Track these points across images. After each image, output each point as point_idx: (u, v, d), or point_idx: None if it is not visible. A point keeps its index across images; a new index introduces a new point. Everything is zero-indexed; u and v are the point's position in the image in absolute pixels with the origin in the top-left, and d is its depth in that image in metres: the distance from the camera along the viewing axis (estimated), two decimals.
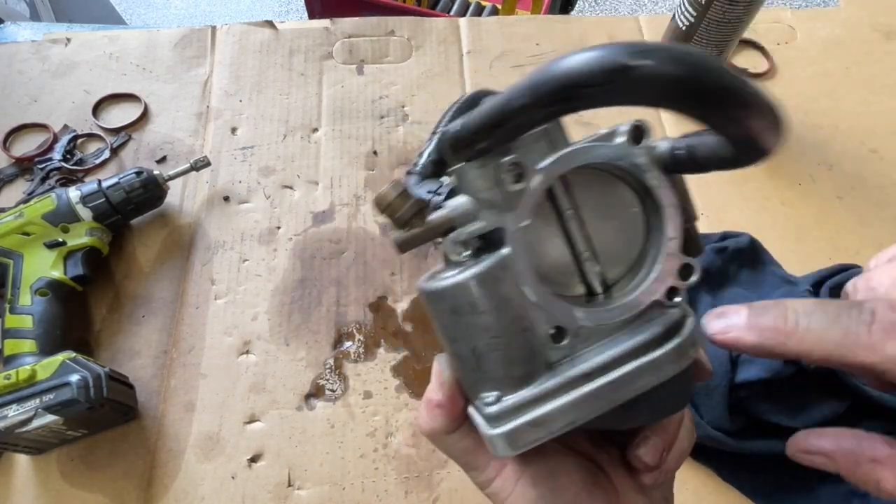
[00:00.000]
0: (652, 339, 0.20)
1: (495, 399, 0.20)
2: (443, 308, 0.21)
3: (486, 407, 0.20)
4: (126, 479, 0.40)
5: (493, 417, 0.20)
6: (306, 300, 0.47)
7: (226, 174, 0.53)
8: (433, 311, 0.21)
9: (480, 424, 0.21)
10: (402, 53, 0.62)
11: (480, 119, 0.19)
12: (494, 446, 0.20)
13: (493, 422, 0.20)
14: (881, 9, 0.66)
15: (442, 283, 0.20)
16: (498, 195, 0.20)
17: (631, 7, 2.05)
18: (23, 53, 0.59)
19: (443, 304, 0.21)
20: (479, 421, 0.21)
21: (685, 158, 0.20)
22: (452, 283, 0.20)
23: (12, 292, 0.42)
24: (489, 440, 0.20)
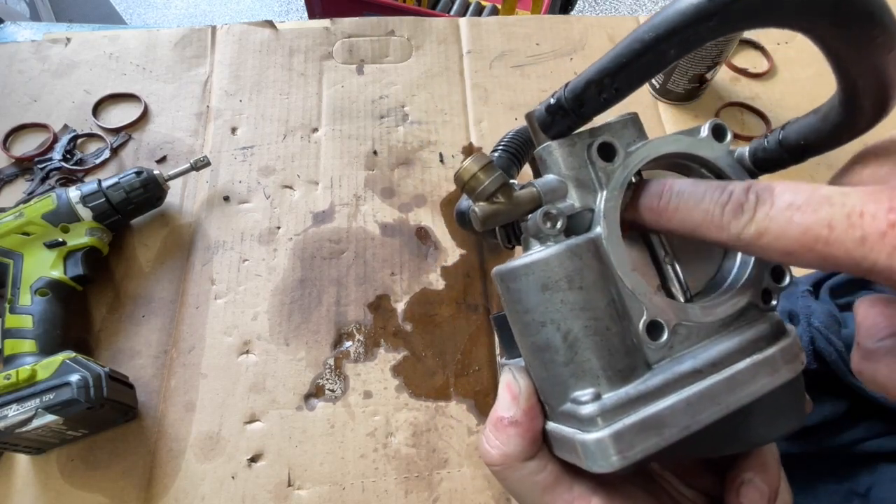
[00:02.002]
0: (761, 336, 0.19)
1: (592, 396, 0.18)
2: (530, 286, 0.18)
3: (581, 407, 0.17)
4: (126, 479, 0.40)
5: (590, 419, 0.17)
6: (306, 300, 0.47)
7: (226, 174, 0.53)
8: (517, 292, 0.19)
9: (570, 433, 0.18)
10: (402, 53, 0.62)
11: (609, 61, 0.17)
12: (594, 456, 0.17)
13: (592, 424, 0.17)
14: None
15: (533, 257, 0.18)
16: (587, 174, 0.19)
17: (631, 7, 2.05)
18: (23, 53, 0.59)
19: (531, 281, 0.18)
20: (566, 431, 0.18)
21: (767, 156, 0.21)
22: (546, 255, 0.18)
23: (12, 292, 0.42)
24: (586, 449, 0.17)
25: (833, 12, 0.14)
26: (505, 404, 0.20)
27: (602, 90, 0.18)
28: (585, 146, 0.19)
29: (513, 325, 0.20)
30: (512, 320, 0.19)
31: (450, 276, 0.49)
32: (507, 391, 0.20)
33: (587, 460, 0.17)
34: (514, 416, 0.19)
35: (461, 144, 0.56)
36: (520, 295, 0.19)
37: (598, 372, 0.18)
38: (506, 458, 0.19)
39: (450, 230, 0.51)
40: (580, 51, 0.62)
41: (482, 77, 0.60)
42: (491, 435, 0.20)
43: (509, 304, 0.19)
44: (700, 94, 0.59)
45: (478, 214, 0.19)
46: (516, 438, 0.19)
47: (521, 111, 0.58)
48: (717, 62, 0.55)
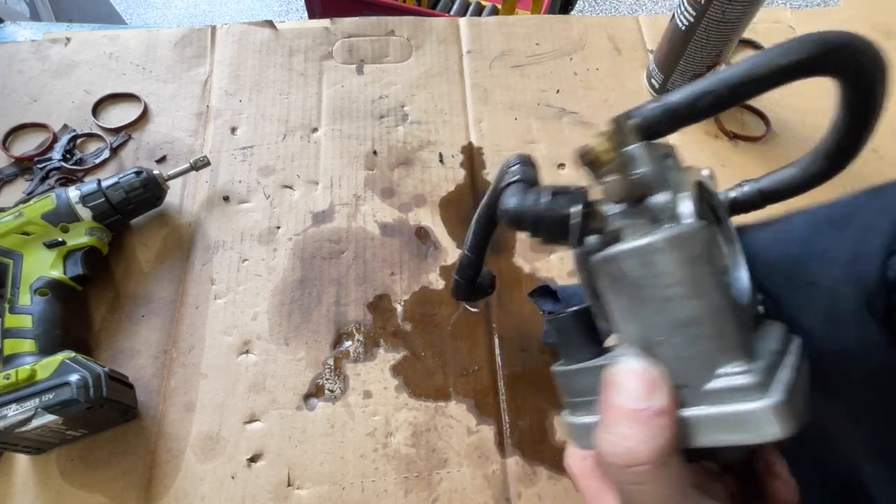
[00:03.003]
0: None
1: (744, 367, 0.18)
2: (676, 259, 0.18)
3: (740, 377, 0.17)
4: (126, 479, 0.40)
5: (758, 386, 0.17)
6: (306, 300, 0.47)
7: (226, 174, 0.53)
8: (659, 266, 0.18)
9: (732, 409, 0.17)
10: (402, 53, 0.62)
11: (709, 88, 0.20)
12: (773, 421, 0.17)
13: (761, 391, 0.17)
14: (881, 9, 0.66)
15: (675, 231, 0.18)
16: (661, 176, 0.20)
17: (631, 7, 2.05)
18: (23, 53, 0.59)
19: (677, 255, 0.18)
20: (720, 409, 0.17)
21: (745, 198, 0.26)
22: (689, 229, 0.18)
23: (12, 292, 0.42)
24: (766, 416, 0.17)
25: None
26: (639, 393, 0.18)
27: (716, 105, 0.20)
28: (659, 152, 0.21)
29: (642, 305, 0.19)
30: (640, 300, 0.19)
31: (450, 275, 0.49)
32: (639, 379, 0.18)
33: (766, 428, 0.17)
34: (661, 404, 0.17)
35: (461, 144, 0.56)
36: (664, 269, 0.18)
37: (739, 344, 0.18)
38: (657, 453, 0.17)
39: (449, 230, 0.51)
40: (580, 51, 0.62)
41: (482, 77, 0.60)
42: (628, 431, 0.17)
43: (641, 282, 0.19)
44: None
45: (612, 188, 0.20)
46: (667, 429, 0.17)
47: (520, 111, 0.58)
48: (717, 62, 0.55)
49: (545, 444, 0.42)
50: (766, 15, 0.64)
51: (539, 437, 0.43)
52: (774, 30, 0.64)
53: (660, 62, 0.57)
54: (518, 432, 0.43)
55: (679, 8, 0.52)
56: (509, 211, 0.23)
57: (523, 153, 0.27)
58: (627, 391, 0.18)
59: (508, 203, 0.24)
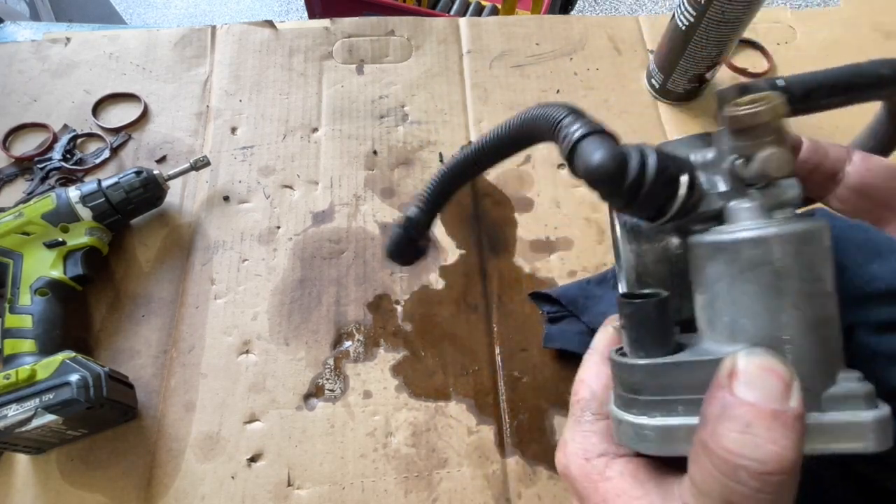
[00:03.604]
0: None
1: (858, 374, 0.17)
2: (821, 252, 0.17)
3: (861, 385, 0.17)
4: (126, 479, 0.40)
5: (867, 396, 0.17)
6: (306, 300, 0.47)
7: (226, 174, 0.53)
8: (811, 256, 0.17)
9: (850, 416, 0.17)
10: (402, 53, 0.62)
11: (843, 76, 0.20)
12: (878, 435, 0.16)
13: (870, 402, 0.17)
14: (881, 9, 0.66)
15: (815, 223, 0.17)
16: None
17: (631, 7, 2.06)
18: (23, 53, 0.59)
19: (820, 248, 0.17)
20: (839, 416, 0.17)
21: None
22: (823, 222, 0.17)
23: (12, 292, 0.42)
24: (883, 425, 0.16)
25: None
26: (778, 393, 0.16)
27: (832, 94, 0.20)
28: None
29: (778, 299, 0.17)
30: (780, 292, 0.17)
31: (449, 275, 0.49)
32: (776, 377, 0.16)
33: (875, 440, 0.16)
34: (800, 408, 0.16)
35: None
36: (813, 261, 0.17)
37: (843, 351, 0.17)
38: (798, 464, 0.15)
39: (449, 230, 0.51)
40: (580, 51, 0.62)
41: (482, 77, 0.60)
42: (774, 434, 0.16)
43: (788, 273, 0.17)
44: (700, 95, 0.59)
45: (778, 160, 0.18)
46: (803, 438, 0.16)
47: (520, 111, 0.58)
48: (717, 62, 0.55)
49: (545, 444, 0.42)
50: (766, 15, 0.64)
51: (539, 437, 0.43)
52: (775, 30, 0.64)
53: (660, 62, 0.57)
54: (518, 432, 0.43)
55: (679, 8, 0.52)
56: (606, 165, 0.18)
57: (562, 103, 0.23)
58: (763, 389, 0.16)
59: (598, 156, 0.19)
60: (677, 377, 0.19)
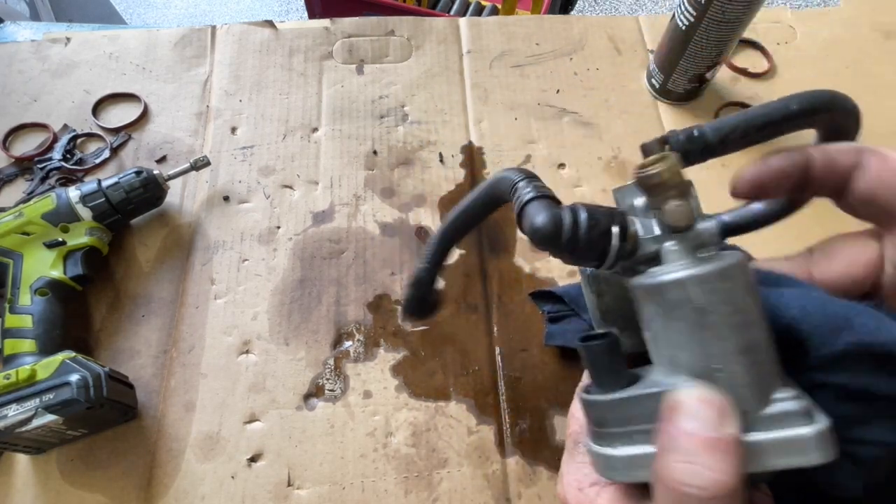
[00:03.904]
0: None
1: (793, 392, 0.18)
2: (741, 285, 0.19)
3: (794, 402, 0.18)
4: (126, 479, 0.40)
5: (808, 411, 0.18)
6: (306, 300, 0.47)
7: (226, 174, 0.53)
8: (728, 293, 0.19)
9: (787, 433, 0.18)
10: (402, 53, 0.62)
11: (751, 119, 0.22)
12: (824, 446, 0.17)
13: (810, 416, 0.18)
14: (881, 9, 0.66)
15: (735, 258, 0.19)
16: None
17: (631, 7, 2.06)
18: (23, 53, 0.59)
19: (741, 281, 0.19)
20: (775, 434, 0.18)
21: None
22: (742, 257, 0.19)
23: (12, 292, 0.42)
24: (820, 440, 0.17)
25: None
26: (713, 421, 0.17)
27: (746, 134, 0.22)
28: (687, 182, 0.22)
29: (703, 332, 0.19)
30: (702, 327, 0.19)
31: (449, 275, 0.49)
32: (711, 406, 0.17)
33: (817, 452, 0.18)
34: (735, 432, 0.17)
35: (461, 144, 0.56)
36: (731, 295, 0.19)
37: (780, 371, 0.19)
38: (739, 482, 0.17)
39: None
40: (580, 51, 0.62)
41: (482, 77, 0.60)
42: (710, 460, 0.17)
43: (708, 309, 0.19)
44: (700, 94, 0.59)
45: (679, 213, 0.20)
46: (742, 461, 0.17)
47: (520, 111, 0.58)
48: (717, 62, 0.55)
49: (545, 444, 0.42)
50: (766, 15, 0.64)
51: (539, 437, 0.43)
52: (774, 30, 0.64)
53: (660, 62, 0.57)
54: (518, 432, 0.43)
55: (679, 8, 0.52)
56: (543, 228, 0.21)
57: (521, 168, 0.26)
58: (702, 419, 0.17)
59: (537, 220, 0.21)
60: (632, 409, 0.21)
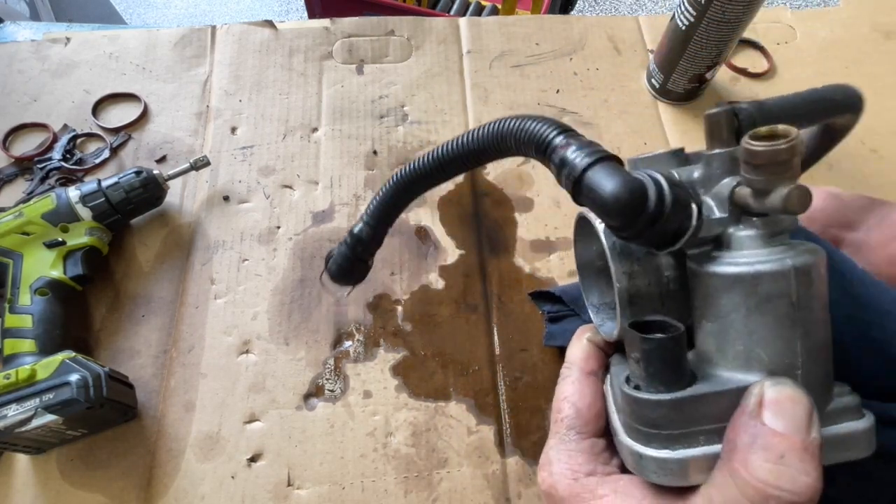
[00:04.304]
0: None
1: (846, 388, 0.19)
2: (828, 280, 0.18)
3: (852, 397, 0.18)
4: (126, 479, 0.40)
5: (858, 408, 0.18)
6: (306, 300, 0.47)
7: (226, 174, 0.53)
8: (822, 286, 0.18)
9: (847, 428, 0.18)
10: (402, 53, 0.62)
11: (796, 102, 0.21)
12: (870, 441, 0.18)
13: (860, 412, 0.18)
14: (881, 9, 0.66)
15: (822, 252, 0.18)
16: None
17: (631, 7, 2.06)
18: (22, 53, 0.59)
19: (828, 275, 0.18)
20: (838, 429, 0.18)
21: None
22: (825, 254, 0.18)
23: (12, 292, 0.42)
24: (863, 437, 0.18)
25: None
26: (803, 423, 0.17)
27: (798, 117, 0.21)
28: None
29: (794, 326, 0.18)
30: (794, 321, 0.18)
31: (449, 275, 0.49)
32: (802, 407, 0.17)
33: (865, 446, 0.18)
34: (819, 437, 0.17)
35: None
36: (822, 291, 0.18)
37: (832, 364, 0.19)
38: (822, 487, 0.16)
39: (449, 230, 0.51)
40: (580, 51, 0.62)
41: (482, 77, 0.60)
42: (806, 465, 0.16)
43: (805, 303, 0.18)
44: (700, 94, 0.59)
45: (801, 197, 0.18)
46: (822, 461, 0.17)
47: (520, 111, 0.58)
48: (717, 62, 0.55)
49: (545, 444, 0.42)
50: (766, 15, 0.64)
51: (539, 438, 0.43)
52: (774, 30, 0.64)
53: (660, 62, 0.57)
54: (518, 432, 0.43)
55: (679, 8, 0.52)
56: (623, 198, 0.17)
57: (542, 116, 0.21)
58: (793, 419, 0.17)
59: (614, 188, 0.17)
60: (699, 409, 0.19)
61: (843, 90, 0.22)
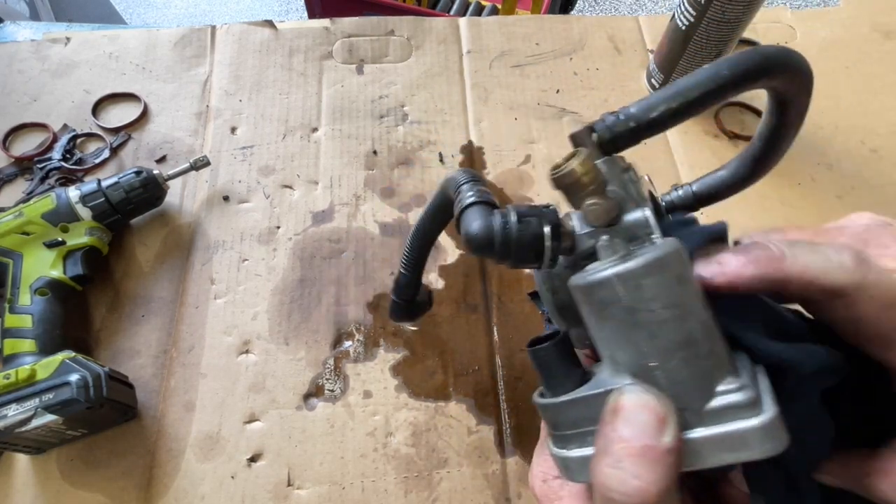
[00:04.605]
0: None
1: (739, 383, 0.18)
2: (667, 280, 0.18)
3: (738, 394, 0.17)
4: (126, 479, 0.40)
5: (754, 402, 0.17)
6: (306, 300, 0.47)
7: (225, 174, 0.53)
8: (652, 289, 0.18)
9: (731, 427, 0.17)
10: (402, 53, 0.62)
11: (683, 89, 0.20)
12: (771, 438, 0.17)
13: (756, 407, 0.17)
14: (881, 9, 0.66)
15: (662, 251, 0.18)
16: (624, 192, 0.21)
17: (631, 7, 2.06)
18: (22, 53, 0.59)
19: (667, 276, 0.18)
20: (719, 429, 0.18)
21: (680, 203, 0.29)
22: (673, 248, 0.18)
23: (12, 292, 0.42)
24: (766, 432, 0.17)
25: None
26: (650, 428, 0.17)
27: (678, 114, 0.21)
28: (619, 168, 0.21)
29: (634, 331, 0.18)
30: (633, 325, 0.18)
31: (449, 275, 0.49)
32: (649, 412, 0.17)
33: (765, 444, 0.17)
34: (672, 442, 0.17)
35: (461, 144, 0.56)
36: (656, 291, 0.18)
37: (726, 360, 0.18)
38: (666, 492, 0.16)
39: (449, 230, 0.51)
40: (580, 51, 0.62)
41: (482, 77, 0.60)
42: (638, 469, 0.17)
43: (635, 307, 0.18)
44: None
45: (595, 212, 0.20)
46: (675, 467, 0.17)
47: (520, 111, 0.58)
48: None
49: None
50: (766, 15, 0.64)
51: (539, 438, 0.42)
52: (774, 30, 0.64)
53: (660, 62, 0.57)
54: (518, 432, 0.43)
55: (679, 8, 0.52)
56: (476, 236, 0.22)
57: (468, 169, 0.26)
58: (637, 425, 0.17)
59: (471, 227, 0.22)
60: (582, 411, 0.20)
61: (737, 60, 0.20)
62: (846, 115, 0.58)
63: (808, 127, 0.57)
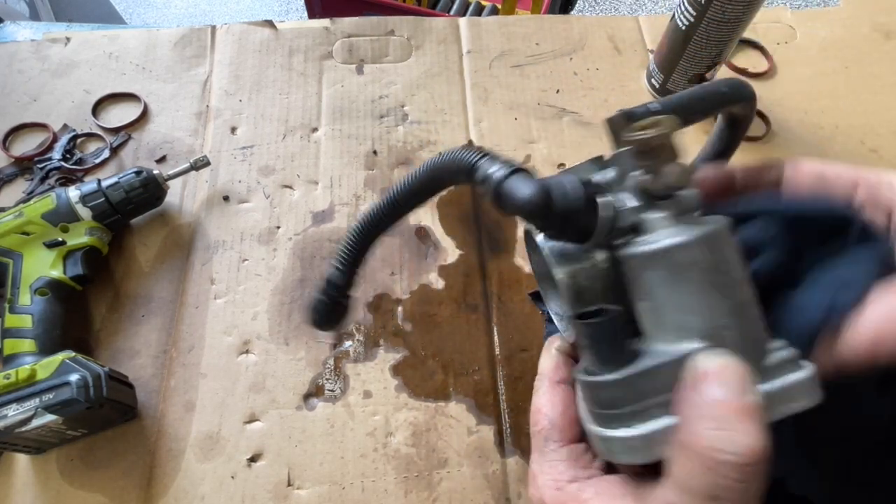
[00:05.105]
0: None
1: (782, 342, 0.20)
2: (734, 246, 0.20)
3: (787, 350, 0.20)
4: (126, 479, 0.40)
5: (795, 359, 0.19)
6: (306, 299, 0.47)
7: (225, 174, 0.53)
8: (727, 252, 0.20)
9: (782, 382, 0.19)
10: (402, 53, 0.62)
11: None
12: (815, 387, 0.19)
13: (798, 364, 0.19)
14: (881, 9, 0.66)
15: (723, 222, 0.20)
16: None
17: (631, 7, 2.05)
18: (22, 53, 0.59)
19: (734, 242, 0.20)
20: (774, 384, 0.19)
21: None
22: (728, 223, 0.20)
23: (12, 292, 0.42)
24: (812, 383, 0.19)
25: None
26: (737, 388, 0.17)
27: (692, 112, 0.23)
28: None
29: (710, 293, 0.20)
30: (712, 285, 0.20)
31: (449, 275, 0.49)
32: (735, 372, 0.18)
33: (811, 395, 0.19)
34: (759, 398, 0.17)
35: (461, 144, 0.56)
36: (730, 254, 0.20)
37: (765, 322, 0.20)
38: (769, 450, 0.17)
39: (449, 230, 0.51)
40: (580, 51, 0.62)
41: (482, 77, 0.60)
42: (746, 427, 0.17)
43: (714, 268, 0.20)
44: None
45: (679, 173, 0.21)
46: (764, 423, 0.17)
47: (520, 111, 0.58)
48: (717, 62, 0.55)
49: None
50: (766, 15, 0.64)
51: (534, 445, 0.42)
52: (774, 29, 0.64)
53: (660, 62, 0.57)
54: (518, 432, 0.43)
55: (679, 8, 0.52)
56: (532, 201, 0.21)
57: (465, 147, 0.25)
58: (728, 385, 0.17)
59: (524, 193, 0.21)
60: (647, 383, 0.20)
61: (730, 83, 0.24)
62: (846, 115, 0.58)
63: (808, 127, 0.58)
